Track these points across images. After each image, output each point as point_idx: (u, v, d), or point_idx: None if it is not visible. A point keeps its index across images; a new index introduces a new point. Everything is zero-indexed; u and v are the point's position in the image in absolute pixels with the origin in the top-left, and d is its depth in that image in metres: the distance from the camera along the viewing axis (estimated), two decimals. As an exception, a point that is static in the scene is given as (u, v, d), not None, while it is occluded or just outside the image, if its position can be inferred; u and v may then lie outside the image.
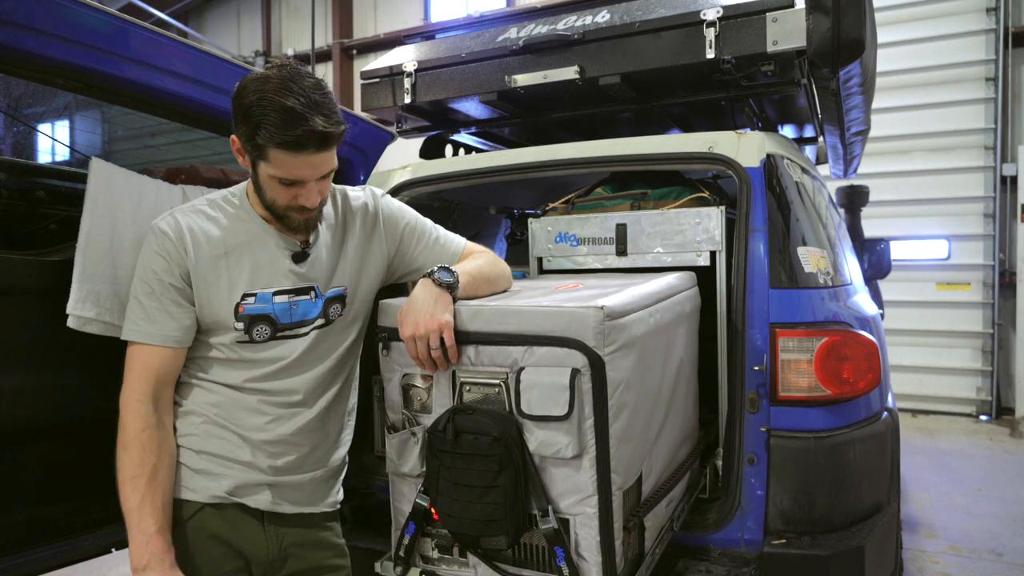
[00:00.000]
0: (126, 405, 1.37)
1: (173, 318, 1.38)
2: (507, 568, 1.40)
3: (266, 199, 1.40)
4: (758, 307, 1.87)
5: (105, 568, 3.65)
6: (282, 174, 1.32)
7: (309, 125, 1.26)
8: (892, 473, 2.04)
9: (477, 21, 6.45)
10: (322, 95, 1.29)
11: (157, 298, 1.37)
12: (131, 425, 1.36)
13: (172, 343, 1.39)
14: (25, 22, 1.46)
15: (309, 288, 1.49)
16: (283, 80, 1.26)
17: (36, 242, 1.76)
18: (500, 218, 3.87)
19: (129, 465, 1.34)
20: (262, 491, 1.47)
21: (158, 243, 1.39)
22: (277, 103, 1.24)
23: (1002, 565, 3.56)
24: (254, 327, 1.42)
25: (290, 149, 1.28)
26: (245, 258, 1.43)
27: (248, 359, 1.44)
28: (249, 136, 1.29)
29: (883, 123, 6.62)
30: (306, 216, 1.42)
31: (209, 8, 12.39)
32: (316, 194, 1.38)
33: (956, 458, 5.52)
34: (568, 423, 1.29)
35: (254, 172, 1.37)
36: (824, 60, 2.01)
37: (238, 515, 1.46)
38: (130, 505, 1.33)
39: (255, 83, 1.28)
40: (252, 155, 1.33)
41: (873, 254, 4.69)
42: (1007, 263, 7.04)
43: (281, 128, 1.25)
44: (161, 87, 1.75)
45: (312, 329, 1.50)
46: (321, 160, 1.33)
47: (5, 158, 2.01)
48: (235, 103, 1.31)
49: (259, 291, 1.43)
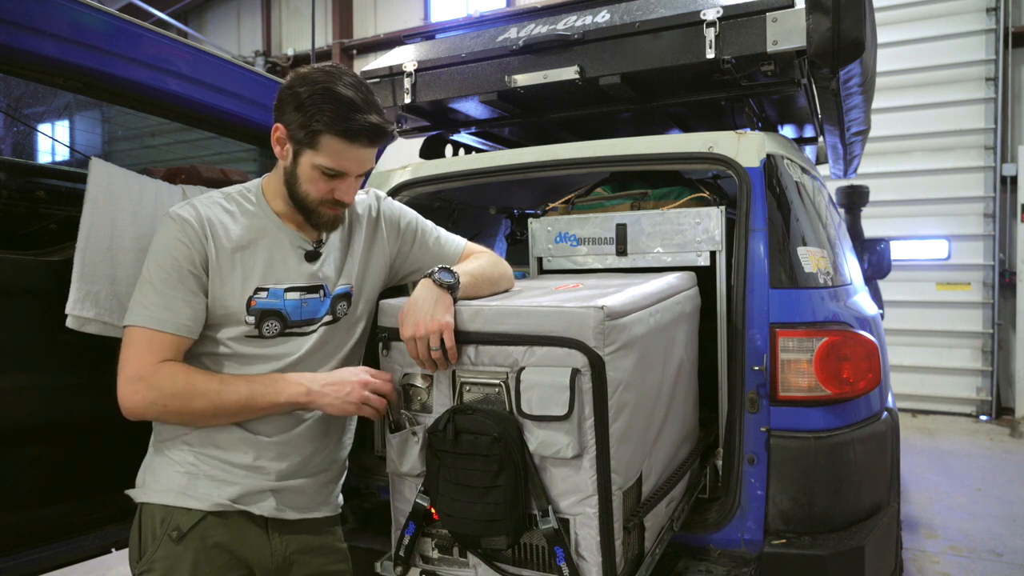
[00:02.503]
0: (156, 372, 1.31)
1: (189, 306, 1.36)
2: (507, 568, 1.40)
3: (300, 191, 1.41)
4: (758, 307, 1.87)
5: (105, 568, 3.65)
6: (330, 163, 1.36)
7: (367, 117, 1.33)
8: (892, 473, 2.04)
9: (477, 21, 6.46)
10: (373, 97, 1.37)
11: (175, 285, 1.35)
12: (176, 376, 1.32)
13: (185, 332, 1.36)
14: (25, 22, 1.46)
15: (319, 287, 1.49)
16: (338, 74, 1.35)
17: (36, 242, 1.76)
18: (500, 218, 3.87)
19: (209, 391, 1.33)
20: (266, 498, 1.45)
21: (179, 229, 1.37)
22: (338, 94, 1.31)
23: (1002, 565, 3.56)
24: (264, 322, 1.42)
25: (346, 138, 1.33)
26: (260, 253, 1.44)
27: (255, 355, 1.43)
28: (304, 123, 1.33)
29: (883, 123, 6.62)
30: (336, 212, 1.45)
31: (209, 8, 12.40)
32: (353, 190, 1.43)
33: (956, 458, 5.52)
34: (568, 423, 1.29)
35: (294, 162, 1.39)
36: (824, 60, 2.01)
37: (242, 523, 1.44)
38: (242, 397, 1.34)
39: (312, 75, 1.35)
40: (300, 143, 1.36)
41: (873, 254, 4.69)
42: (1007, 263, 7.04)
43: (341, 116, 1.31)
44: (161, 87, 1.75)
45: (320, 326, 1.50)
46: (368, 156, 1.39)
47: (5, 158, 2.01)
48: (286, 93, 1.36)
49: (271, 286, 1.43)
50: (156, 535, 1.39)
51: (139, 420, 1.36)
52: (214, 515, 1.40)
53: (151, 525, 1.40)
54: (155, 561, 1.38)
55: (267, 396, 1.35)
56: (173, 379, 1.32)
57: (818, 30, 1.96)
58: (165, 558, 1.37)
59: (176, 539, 1.37)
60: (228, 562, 1.42)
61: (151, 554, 1.38)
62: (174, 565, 1.37)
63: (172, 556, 1.37)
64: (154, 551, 1.38)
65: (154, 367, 1.32)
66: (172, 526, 1.38)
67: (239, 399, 1.34)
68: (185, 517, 1.39)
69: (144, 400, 1.31)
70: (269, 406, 1.37)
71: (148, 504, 1.41)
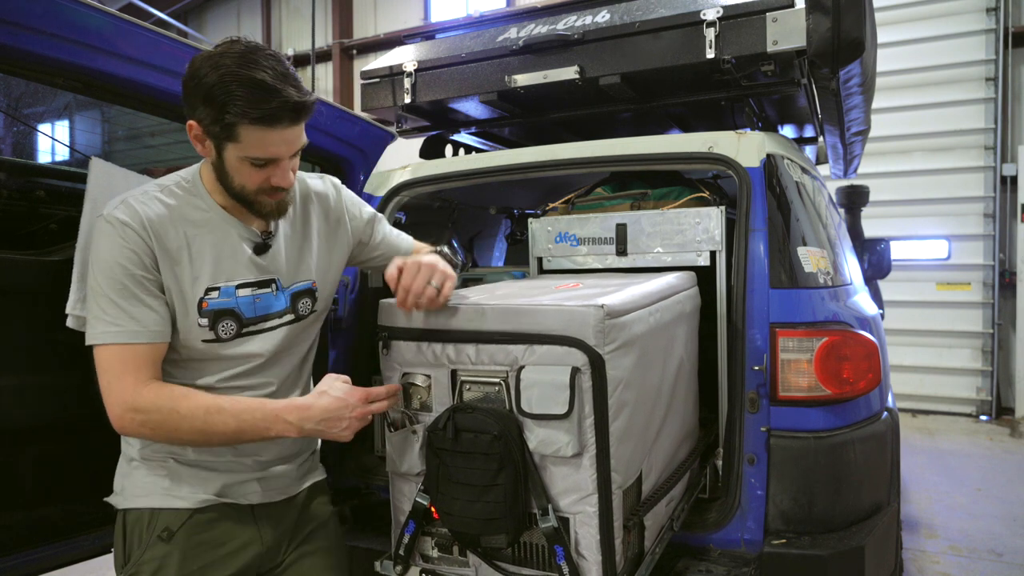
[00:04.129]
0: (139, 395, 1.23)
1: (152, 310, 1.28)
2: (507, 567, 1.40)
3: (234, 185, 1.31)
4: (758, 307, 1.87)
5: (105, 568, 3.65)
6: (256, 153, 1.26)
7: (283, 96, 1.21)
8: (892, 473, 2.03)
9: (477, 21, 6.45)
10: (285, 67, 1.24)
11: (132, 293, 1.26)
12: (159, 400, 1.24)
13: (159, 338, 1.29)
14: (25, 22, 1.46)
15: (270, 280, 1.43)
16: (244, 54, 1.20)
17: (36, 242, 1.76)
18: (500, 218, 3.87)
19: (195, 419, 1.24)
20: (250, 485, 1.45)
21: (120, 234, 1.26)
22: (246, 77, 1.18)
23: (1002, 565, 3.56)
24: (219, 323, 1.34)
25: (265, 124, 1.22)
26: (206, 249, 1.34)
27: (218, 356, 1.37)
28: (215, 117, 1.21)
29: (883, 123, 6.62)
30: (278, 198, 1.36)
31: (209, 8, 12.40)
32: (289, 173, 1.32)
33: (956, 458, 5.52)
34: (568, 422, 1.29)
35: (219, 157, 1.29)
36: (824, 60, 2.01)
37: (228, 513, 1.42)
38: (231, 429, 1.26)
39: (211, 60, 1.21)
40: (218, 138, 1.25)
41: (873, 254, 4.68)
42: (1007, 263, 7.04)
43: (254, 103, 1.19)
44: (161, 87, 1.75)
45: (280, 325, 1.45)
46: (295, 135, 1.28)
47: (5, 158, 2.01)
48: (190, 85, 1.23)
49: (223, 284, 1.36)
50: (142, 538, 1.37)
51: None
52: (200, 512, 1.39)
53: (137, 529, 1.38)
54: (143, 563, 1.35)
55: (255, 431, 1.29)
56: (158, 405, 1.24)
57: (818, 30, 1.96)
58: (152, 559, 1.35)
59: (166, 539, 1.36)
60: (216, 556, 1.40)
61: (138, 556, 1.36)
62: (163, 565, 1.35)
63: (160, 556, 1.35)
64: (141, 553, 1.36)
65: (135, 391, 1.24)
66: (160, 527, 1.36)
67: (227, 431, 1.27)
68: (173, 517, 1.37)
69: (134, 423, 1.25)
70: (257, 438, 1.32)
71: (132, 509, 1.39)
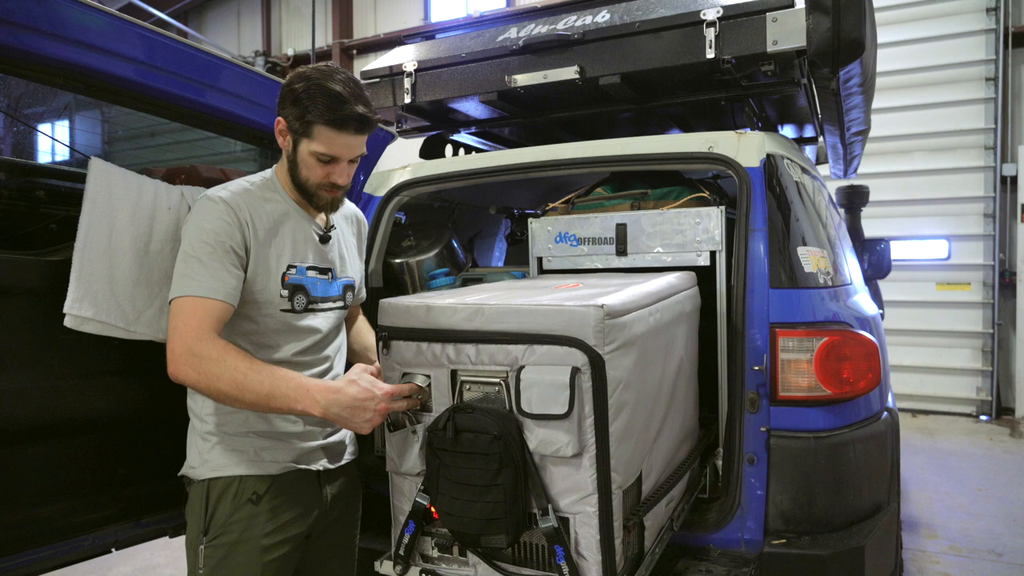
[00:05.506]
0: (200, 339, 1.38)
1: (233, 277, 1.48)
2: (507, 567, 1.40)
3: (300, 177, 1.57)
4: (758, 307, 1.87)
5: (105, 568, 3.65)
6: (324, 150, 1.51)
7: (352, 107, 1.49)
8: (892, 473, 2.03)
9: (477, 21, 6.46)
10: (359, 87, 1.53)
11: (219, 258, 1.46)
12: (213, 349, 1.37)
13: (232, 300, 1.47)
14: (25, 22, 1.46)
15: (328, 269, 1.68)
16: (329, 71, 1.51)
17: (36, 242, 1.76)
18: (500, 218, 3.87)
19: (236, 370, 1.36)
20: (318, 453, 1.64)
21: (221, 210, 1.49)
22: (326, 88, 1.48)
23: (1002, 565, 3.56)
24: (295, 296, 1.59)
25: (335, 126, 1.49)
26: (287, 233, 1.60)
27: (292, 327, 1.59)
28: (299, 115, 1.49)
29: (883, 123, 6.63)
30: (334, 195, 1.61)
31: (209, 8, 12.40)
32: (347, 174, 1.59)
33: (956, 458, 5.52)
34: (568, 422, 1.29)
35: (294, 151, 1.55)
36: (824, 60, 2.01)
37: (301, 478, 1.61)
38: (264, 390, 1.37)
39: (307, 72, 1.51)
40: (297, 133, 1.52)
41: (873, 254, 4.68)
42: (1007, 263, 7.04)
43: (330, 108, 1.47)
44: (161, 87, 1.75)
45: (333, 308, 1.69)
46: (357, 142, 1.55)
47: (5, 158, 2.01)
48: (286, 89, 1.52)
49: (298, 264, 1.61)
50: (232, 503, 1.52)
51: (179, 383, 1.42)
52: (280, 477, 1.57)
53: (226, 496, 1.53)
54: (232, 523, 1.52)
55: (286, 399, 1.38)
56: (211, 352, 1.38)
57: (818, 30, 1.96)
58: (242, 519, 1.52)
59: (255, 501, 1.53)
60: (292, 516, 1.58)
61: (226, 519, 1.52)
62: (251, 524, 1.52)
63: (249, 517, 1.52)
64: (230, 515, 1.52)
65: (198, 336, 1.39)
66: (249, 491, 1.53)
67: (260, 391, 1.37)
68: (259, 483, 1.55)
69: (187, 365, 1.38)
70: (284, 407, 1.40)
71: (219, 478, 1.54)
